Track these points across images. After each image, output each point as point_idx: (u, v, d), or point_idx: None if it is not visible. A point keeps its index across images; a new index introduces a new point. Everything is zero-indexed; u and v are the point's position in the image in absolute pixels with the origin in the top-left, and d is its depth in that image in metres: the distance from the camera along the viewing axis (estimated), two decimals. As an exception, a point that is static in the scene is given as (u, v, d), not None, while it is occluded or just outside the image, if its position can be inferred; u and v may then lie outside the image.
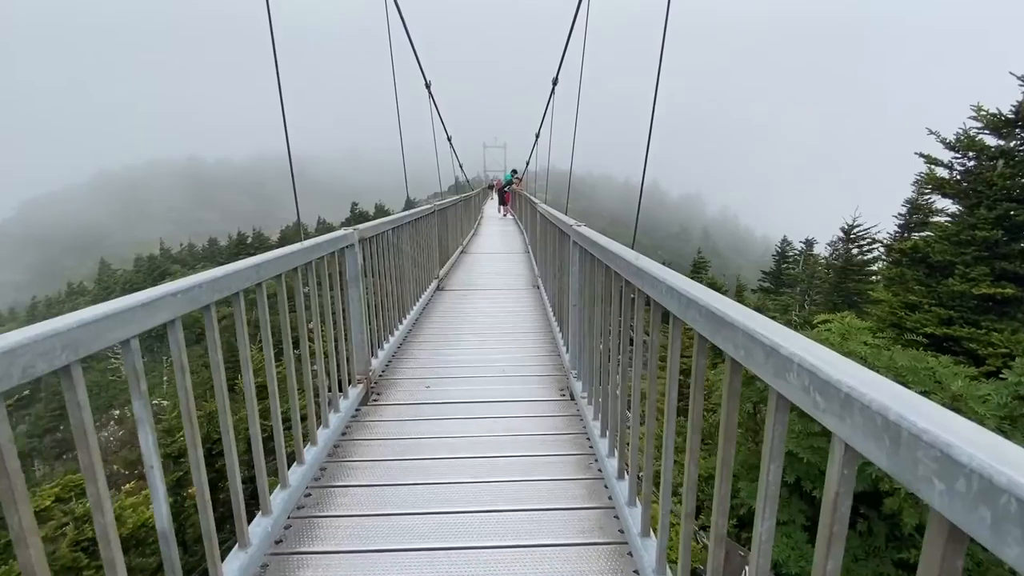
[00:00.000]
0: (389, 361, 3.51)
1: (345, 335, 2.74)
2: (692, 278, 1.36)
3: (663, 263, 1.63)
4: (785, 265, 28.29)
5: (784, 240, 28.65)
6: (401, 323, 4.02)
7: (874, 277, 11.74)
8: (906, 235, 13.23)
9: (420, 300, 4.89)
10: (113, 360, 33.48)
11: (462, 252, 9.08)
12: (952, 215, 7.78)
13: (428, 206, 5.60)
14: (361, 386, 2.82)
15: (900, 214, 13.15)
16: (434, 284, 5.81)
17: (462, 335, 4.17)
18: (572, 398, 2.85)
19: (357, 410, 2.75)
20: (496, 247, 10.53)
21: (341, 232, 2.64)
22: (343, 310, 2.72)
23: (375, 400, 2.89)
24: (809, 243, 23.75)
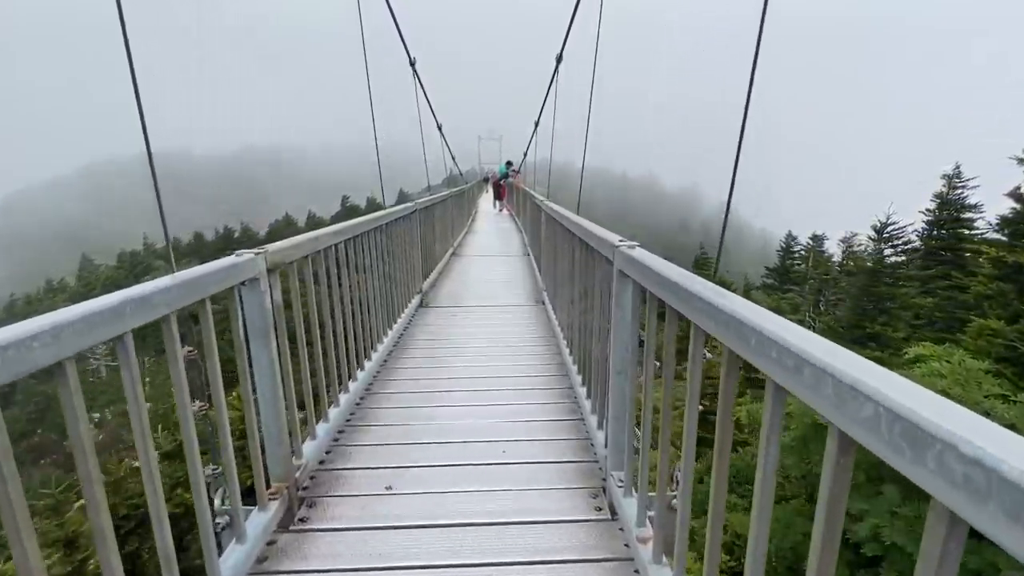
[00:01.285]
0: (340, 432, 2.44)
1: (252, 422, 1.67)
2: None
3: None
4: (790, 261, 27.42)
5: (789, 235, 27.75)
6: (363, 368, 2.95)
7: (901, 282, 10.74)
8: (933, 232, 12.28)
9: (396, 326, 3.82)
10: (92, 361, 32.21)
11: (453, 255, 8.01)
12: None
13: (406, 205, 4.51)
14: (276, 503, 1.75)
15: (928, 210, 12.16)
16: (416, 300, 4.74)
17: (447, 380, 3.10)
18: (613, 515, 1.80)
19: (269, 543, 1.69)
20: (492, 248, 9.45)
21: (230, 260, 1.55)
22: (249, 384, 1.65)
23: (301, 521, 1.82)
24: (818, 239, 22.78)
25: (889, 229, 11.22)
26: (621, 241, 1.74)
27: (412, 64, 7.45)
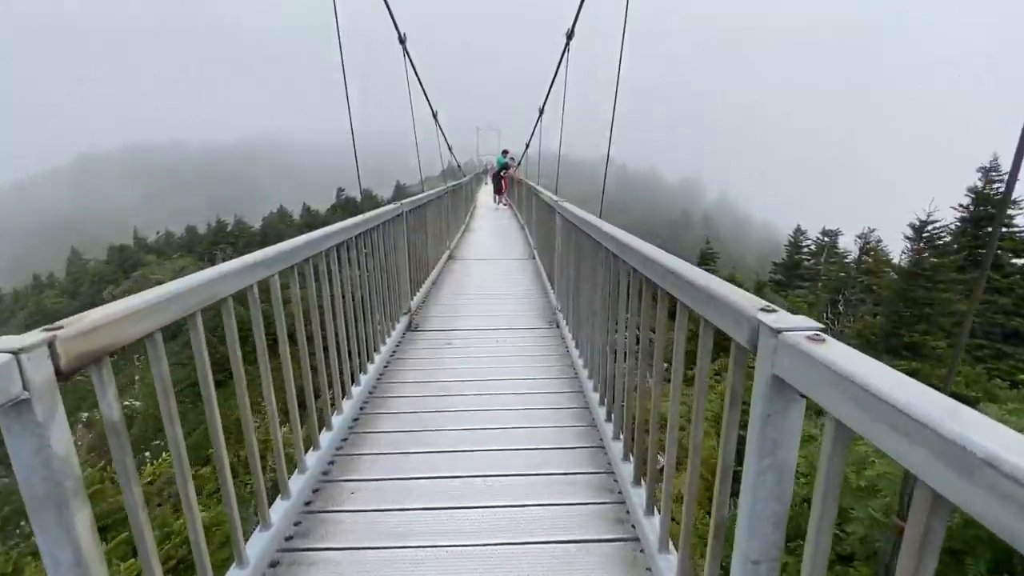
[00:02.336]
0: (273, 566, 1.60)
1: None
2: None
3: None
4: (799, 256, 26.62)
5: (798, 230, 26.93)
6: (317, 447, 2.11)
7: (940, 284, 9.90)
8: (968, 229, 11.44)
9: (371, 368, 2.98)
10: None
11: (449, 258, 7.15)
12: None
13: (389, 207, 3.63)
14: None
15: (962, 205, 11.31)
16: (402, 324, 3.89)
17: (436, 456, 2.26)
18: None
19: None
20: (493, 250, 8.59)
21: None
22: None
23: None
24: (831, 234, 21.91)
25: (931, 228, 10.30)
26: (768, 311, 0.89)
27: (402, 42, 6.54)
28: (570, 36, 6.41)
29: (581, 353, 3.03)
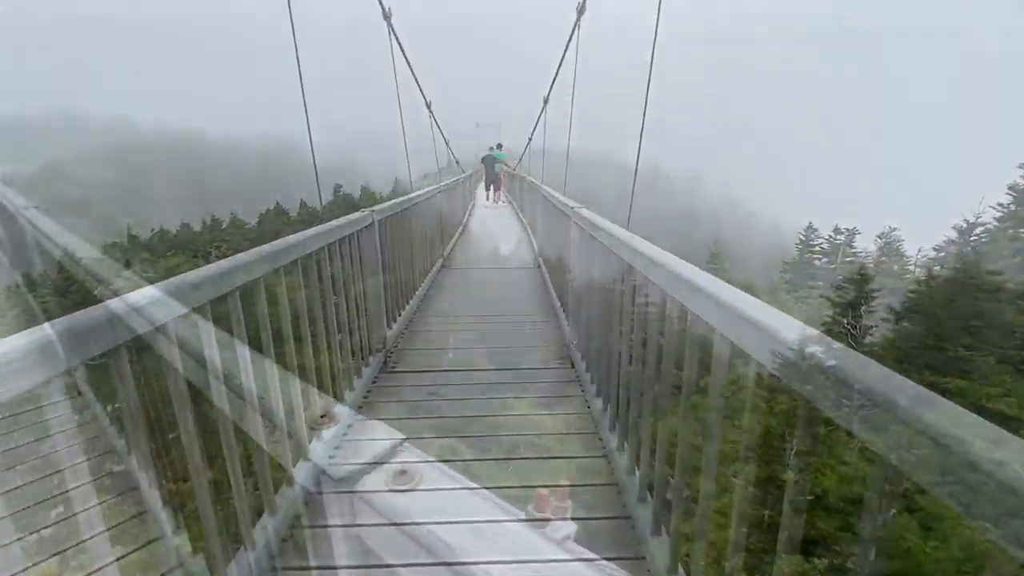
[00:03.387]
0: None
1: None
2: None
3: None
4: (810, 255, 25.77)
5: (810, 227, 26.05)
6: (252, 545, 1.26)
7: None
8: (1009, 231, 10.54)
9: (320, 446, 2.14)
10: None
11: (442, 267, 6.30)
12: None
13: (353, 216, 2.77)
14: None
15: (1001, 205, 10.41)
16: (375, 364, 3.05)
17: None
18: None
19: None
20: (492, 256, 7.73)
21: None
22: None
23: None
24: (848, 233, 20.97)
25: (979, 231, 9.37)
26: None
27: (386, 18, 5.65)
28: (581, 11, 5.54)
29: (612, 425, 2.18)
